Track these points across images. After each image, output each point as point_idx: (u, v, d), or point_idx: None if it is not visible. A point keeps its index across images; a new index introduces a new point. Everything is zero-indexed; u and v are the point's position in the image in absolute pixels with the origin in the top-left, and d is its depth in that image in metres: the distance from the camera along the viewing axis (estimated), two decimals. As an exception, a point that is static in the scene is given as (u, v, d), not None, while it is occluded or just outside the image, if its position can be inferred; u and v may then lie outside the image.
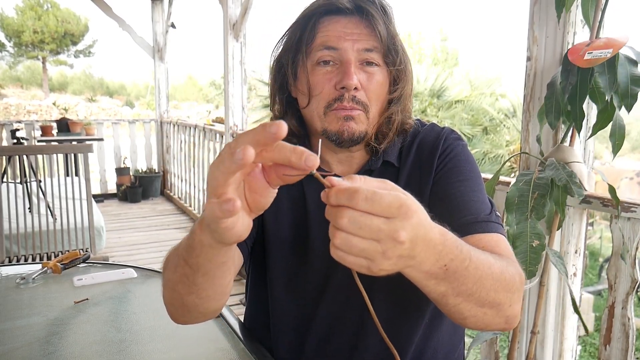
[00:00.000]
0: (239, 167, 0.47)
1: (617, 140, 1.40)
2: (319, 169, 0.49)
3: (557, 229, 1.58)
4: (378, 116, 0.84)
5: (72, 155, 4.91)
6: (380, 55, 0.82)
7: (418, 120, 0.93)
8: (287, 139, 0.90)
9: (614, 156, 1.42)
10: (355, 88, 0.80)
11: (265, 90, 10.09)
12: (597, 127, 1.44)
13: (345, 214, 0.47)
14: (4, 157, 3.32)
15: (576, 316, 1.65)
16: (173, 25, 5.65)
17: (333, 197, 0.47)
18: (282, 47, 0.88)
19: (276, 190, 0.52)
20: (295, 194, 0.89)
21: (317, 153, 0.50)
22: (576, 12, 1.54)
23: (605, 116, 1.41)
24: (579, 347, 3.16)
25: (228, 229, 0.50)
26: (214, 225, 0.50)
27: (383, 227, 0.46)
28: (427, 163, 0.86)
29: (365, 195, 0.46)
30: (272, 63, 0.90)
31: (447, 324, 0.88)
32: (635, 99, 1.35)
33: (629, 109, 1.35)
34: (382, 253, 0.48)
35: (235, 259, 0.72)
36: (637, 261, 1.46)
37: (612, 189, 1.41)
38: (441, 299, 0.60)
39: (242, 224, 0.51)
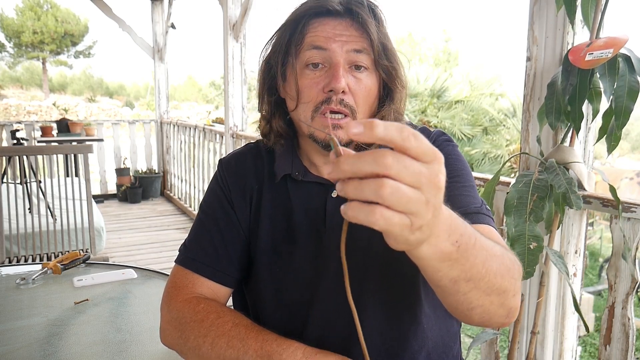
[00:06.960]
0: None
1: (613, 141, 1.40)
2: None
3: (557, 229, 1.58)
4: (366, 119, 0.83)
5: (72, 155, 4.92)
6: (369, 58, 0.80)
7: (410, 123, 0.92)
8: (276, 140, 0.89)
9: (608, 155, 1.42)
10: (343, 91, 0.78)
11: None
12: (603, 130, 1.43)
13: (388, 152, 0.42)
14: (4, 158, 3.32)
15: (576, 316, 1.65)
16: (173, 26, 5.65)
17: (382, 128, 0.42)
18: (270, 48, 0.87)
19: None
20: (281, 202, 0.88)
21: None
22: (576, 13, 1.54)
23: (610, 119, 1.41)
24: (579, 348, 3.16)
25: None
26: None
27: (424, 170, 0.44)
28: None
29: (412, 131, 0.43)
30: (260, 64, 0.89)
31: (440, 326, 0.87)
32: (628, 118, 1.35)
33: (620, 128, 1.35)
34: (426, 202, 0.44)
35: None
36: (637, 261, 1.45)
37: (612, 189, 1.41)
38: (453, 285, 0.58)
39: None
